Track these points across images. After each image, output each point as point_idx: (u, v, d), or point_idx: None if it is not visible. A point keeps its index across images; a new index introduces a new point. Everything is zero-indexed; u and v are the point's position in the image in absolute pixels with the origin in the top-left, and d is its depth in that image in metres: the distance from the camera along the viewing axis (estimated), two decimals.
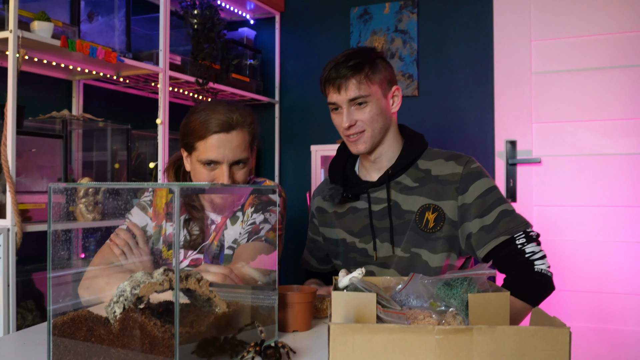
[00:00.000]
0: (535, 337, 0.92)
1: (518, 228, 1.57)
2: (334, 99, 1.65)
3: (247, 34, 3.56)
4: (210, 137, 1.60)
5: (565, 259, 2.83)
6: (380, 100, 1.64)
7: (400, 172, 1.69)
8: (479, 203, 1.60)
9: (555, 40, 2.93)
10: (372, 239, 1.69)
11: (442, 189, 1.64)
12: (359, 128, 1.64)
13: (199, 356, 1.00)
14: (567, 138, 2.89)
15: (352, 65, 1.61)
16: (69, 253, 1.14)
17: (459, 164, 1.65)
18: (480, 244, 1.58)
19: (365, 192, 1.72)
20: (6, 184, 1.95)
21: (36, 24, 2.08)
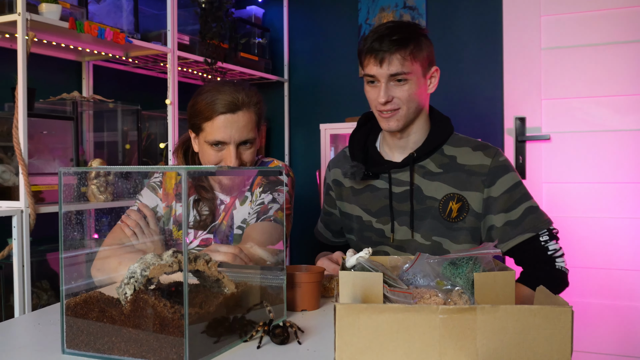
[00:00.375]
0: (537, 316, 0.93)
1: (543, 226, 1.57)
2: (374, 72, 1.56)
3: (255, 12, 3.55)
4: (216, 118, 1.61)
5: (574, 235, 2.84)
6: (420, 80, 1.59)
7: (425, 156, 1.65)
8: (505, 198, 1.58)
9: (565, 15, 2.89)
10: (391, 220, 1.67)
11: (467, 178, 1.61)
12: (394, 105, 1.57)
13: (208, 336, 1.02)
14: (576, 114, 2.87)
15: (398, 39, 1.53)
16: (80, 234, 1.16)
17: (487, 156, 1.62)
18: (504, 238, 1.58)
19: (387, 172, 1.68)
20: (19, 166, 1.97)
21: (44, 6, 2.09)
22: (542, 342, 0.93)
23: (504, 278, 1.17)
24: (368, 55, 1.56)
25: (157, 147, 2.82)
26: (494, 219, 1.59)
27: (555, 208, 2.88)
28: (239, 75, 3.33)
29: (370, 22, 3.36)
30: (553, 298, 1.03)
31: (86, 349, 1.01)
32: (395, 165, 1.66)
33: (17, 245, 1.95)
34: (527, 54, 2.96)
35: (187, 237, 1.74)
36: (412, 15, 3.25)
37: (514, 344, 0.94)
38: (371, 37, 1.56)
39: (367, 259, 1.24)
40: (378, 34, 1.55)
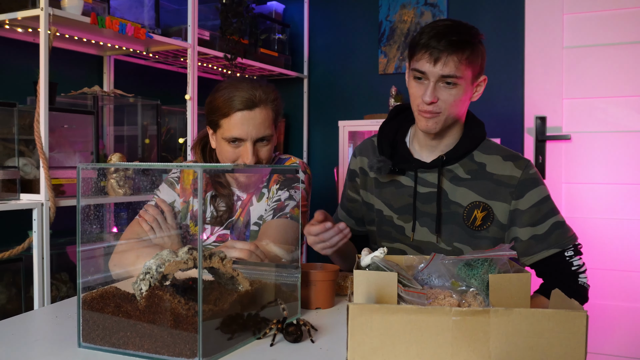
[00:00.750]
0: (551, 320, 0.93)
1: (569, 241, 1.56)
2: (425, 69, 1.50)
3: (275, 7, 3.55)
4: (233, 115, 1.62)
5: (594, 236, 2.80)
6: (468, 86, 1.54)
7: (454, 160, 1.62)
8: (533, 212, 1.56)
9: (588, 13, 2.85)
10: (413, 220, 1.64)
11: (495, 188, 1.58)
12: (437, 108, 1.53)
13: (222, 332, 1.03)
14: (598, 114, 2.83)
15: (457, 41, 1.48)
16: (98, 228, 1.17)
17: (518, 167, 1.59)
18: (529, 252, 1.57)
19: (414, 171, 1.65)
20: (40, 159, 2.00)
21: (66, 1, 2.11)
22: (556, 346, 0.92)
23: (519, 280, 1.16)
24: (423, 50, 1.50)
25: (177, 142, 2.84)
26: (519, 231, 1.57)
27: (575, 209, 2.85)
28: (259, 71, 3.34)
29: (390, 19, 3.35)
30: (568, 302, 1.02)
31: (102, 343, 1.02)
32: (423, 165, 1.63)
33: (37, 238, 1.98)
34: (549, 53, 2.92)
35: (204, 233, 1.75)
36: (433, 12, 3.23)
37: (528, 348, 0.93)
38: (428, 32, 1.50)
39: (382, 259, 1.24)
40: (437, 31, 1.49)
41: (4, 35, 2.37)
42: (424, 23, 3.26)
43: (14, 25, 2.21)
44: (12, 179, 2.04)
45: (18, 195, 2.05)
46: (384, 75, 3.38)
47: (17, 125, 2.08)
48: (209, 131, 1.75)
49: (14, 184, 2.05)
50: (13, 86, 2.43)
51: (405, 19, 3.31)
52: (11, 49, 2.44)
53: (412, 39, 1.56)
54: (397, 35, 3.34)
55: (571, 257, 1.56)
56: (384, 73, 3.38)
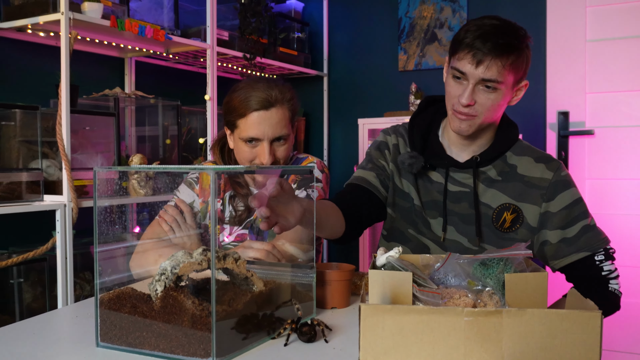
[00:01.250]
0: (565, 321, 0.92)
1: (599, 245, 1.52)
2: (466, 69, 1.44)
3: (294, 6, 3.56)
4: (250, 115, 1.63)
5: (618, 233, 2.76)
6: (508, 90, 1.48)
7: (487, 162, 1.58)
8: (563, 214, 1.52)
9: (611, 5, 2.81)
10: (444, 220, 1.59)
11: (525, 190, 1.55)
12: (473, 111, 1.47)
13: (237, 332, 1.04)
14: (622, 108, 2.78)
15: (503, 44, 1.40)
16: (118, 228, 1.19)
17: (549, 169, 1.55)
18: (558, 255, 1.53)
19: (445, 168, 1.60)
20: (62, 161, 2.04)
21: (86, 5, 2.15)
22: (570, 346, 0.91)
23: (536, 279, 1.15)
24: (466, 50, 1.43)
25: (197, 142, 2.87)
26: (549, 234, 1.53)
27: (599, 204, 2.81)
28: (278, 70, 3.35)
29: (410, 15, 3.33)
30: (584, 302, 1.01)
31: (119, 342, 1.04)
32: (456, 164, 1.58)
33: (60, 238, 2.02)
34: (572, 47, 2.88)
35: (224, 232, 1.77)
36: (453, 7, 3.21)
37: (541, 348, 0.92)
38: (474, 31, 1.43)
39: (397, 259, 1.23)
40: (483, 31, 1.42)
41: (27, 40, 2.41)
42: (443, 19, 3.24)
43: (36, 30, 2.26)
44: (35, 180, 2.08)
45: (42, 197, 2.09)
46: (404, 72, 3.37)
47: (40, 128, 2.12)
48: (226, 131, 1.76)
49: (37, 185, 2.09)
50: (37, 89, 2.48)
51: (425, 15, 3.29)
52: (34, 53, 2.48)
53: (456, 35, 1.48)
54: (416, 32, 3.32)
55: (601, 262, 1.51)
56: (403, 70, 3.36)
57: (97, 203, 1.14)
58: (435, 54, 3.27)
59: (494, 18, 1.47)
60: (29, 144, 2.16)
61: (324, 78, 3.59)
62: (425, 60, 3.30)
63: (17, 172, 2.05)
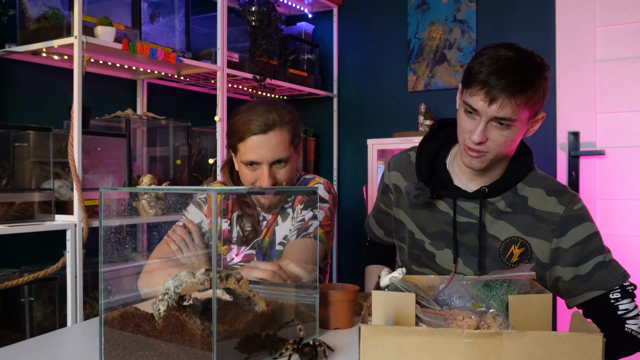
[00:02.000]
0: (566, 343, 0.92)
1: (615, 282, 1.45)
2: (479, 107, 1.37)
3: (305, 28, 3.60)
4: (248, 139, 1.65)
5: (630, 254, 2.73)
6: (523, 126, 1.41)
7: (497, 193, 1.52)
8: (576, 251, 1.46)
9: (621, 25, 2.81)
10: (454, 252, 1.55)
11: (535, 224, 1.49)
12: (484, 148, 1.42)
13: (240, 352, 1.05)
14: (633, 129, 2.77)
15: (519, 81, 1.33)
16: (126, 248, 1.21)
17: (561, 203, 1.49)
18: (572, 293, 1.49)
19: (453, 199, 1.55)
20: (73, 181, 2.07)
21: (99, 29, 2.19)
22: None
23: (540, 301, 1.15)
24: (479, 86, 1.36)
25: (207, 162, 2.90)
26: (561, 271, 1.48)
27: (610, 225, 2.79)
28: (288, 91, 3.38)
29: (419, 36, 3.35)
30: (587, 324, 1.00)
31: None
32: (464, 194, 1.53)
33: (70, 258, 2.05)
34: (581, 67, 2.89)
35: (231, 252, 1.78)
36: (462, 28, 3.23)
37: None
38: (488, 65, 1.35)
39: (401, 280, 1.24)
40: (498, 66, 1.34)
41: (42, 62, 2.46)
42: (453, 40, 3.26)
43: (50, 53, 2.31)
44: (47, 200, 2.11)
45: (53, 217, 2.12)
46: (413, 92, 3.39)
47: (52, 149, 2.15)
48: (231, 153, 1.78)
49: (49, 205, 2.12)
50: (51, 111, 2.53)
51: (434, 36, 3.32)
52: (48, 76, 2.53)
53: (469, 65, 1.41)
54: (425, 53, 3.34)
55: (617, 300, 1.44)
56: (413, 90, 3.38)
57: (106, 223, 1.16)
58: (445, 75, 3.29)
59: (511, 49, 1.38)
60: (42, 165, 2.20)
61: (333, 99, 3.62)
62: (435, 80, 3.31)
63: (30, 192, 2.09)
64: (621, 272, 1.48)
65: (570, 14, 2.92)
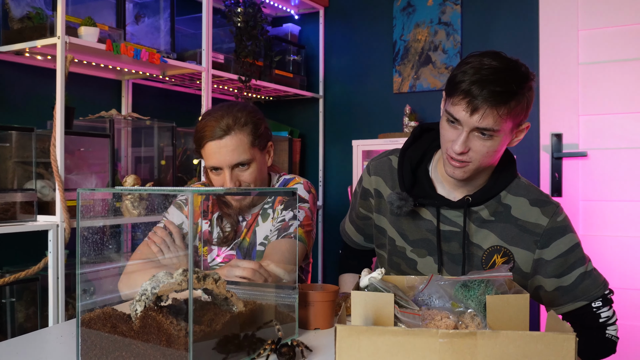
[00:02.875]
0: (540, 343, 0.93)
1: (597, 293, 1.48)
2: (460, 117, 1.36)
3: (291, 29, 3.61)
4: (206, 145, 1.67)
5: (612, 255, 2.76)
6: (506, 136, 1.40)
7: (480, 202, 1.52)
8: (559, 262, 1.48)
9: (604, 29, 2.84)
10: (439, 260, 1.54)
11: (518, 234, 1.49)
12: (467, 158, 1.40)
13: (218, 352, 1.05)
14: (615, 131, 2.80)
15: (501, 92, 1.31)
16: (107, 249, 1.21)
17: (545, 215, 1.49)
18: (555, 303, 1.51)
19: (436, 207, 1.54)
20: (55, 182, 2.06)
21: (83, 30, 2.19)
22: None
23: (517, 301, 1.16)
24: (461, 96, 1.34)
25: (192, 163, 2.89)
26: (543, 281, 1.50)
27: (592, 226, 2.81)
28: (274, 92, 3.39)
29: (404, 38, 3.37)
30: (561, 324, 1.01)
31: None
32: (447, 204, 1.52)
33: (52, 258, 2.03)
34: (564, 69, 2.91)
35: (212, 253, 1.78)
36: (446, 31, 3.25)
37: None
38: (471, 75, 1.34)
39: (380, 280, 1.25)
40: (480, 76, 1.33)
41: (25, 63, 2.45)
42: (438, 42, 3.28)
43: (33, 53, 2.29)
44: (29, 201, 2.10)
45: (35, 217, 2.10)
46: (399, 94, 3.40)
47: (34, 149, 2.14)
48: None
49: (31, 205, 2.11)
50: (34, 111, 2.51)
51: (420, 38, 3.33)
52: (32, 76, 2.52)
53: (453, 74, 1.39)
54: (411, 54, 3.36)
55: (599, 309, 1.48)
56: (398, 92, 3.39)
57: (87, 223, 1.16)
58: (430, 77, 3.30)
59: (495, 58, 1.36)
60: (25, 165, 2.19)
61: (319, 100, 3.63)
62: (420, 82, 3.33)
63: (12, 193, 2.07)
64: (602, 282, 1.50)
65: (553, 17, 2.94)
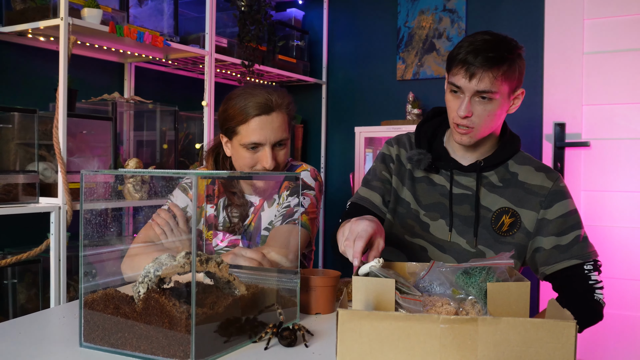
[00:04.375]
0: (540, 330, 0.93)
1: (590, 255, 1.57)
2: (461, 84, 1.51)
3: (295, 14, 3.59)
4: (252, 120, 1.65)
5: (613, 245, 2.77)
6: (504, 100, 1.54)
7: (490, 168, 1.65)
8: (559, 222, 1.58)
9: (609, 18, 2.82)
10: (450, 221, 1.64)
11: (525, 196, 1.61)
12: (471, 123, 1.54)
13: (220, 335, 1.06)
14: (618, 121, 2.79)
15: (493, 57, 1.48)
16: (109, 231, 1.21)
17: (549, 179, 1.62)
18: (550, 261, 1.58)
19: (449, 171, 1.66)
20: (58, 164, 2.06)
21: (86, 11, 2.17)
22: (544, 355, 0.92)
23: (518, 288, 1.16)
24: (459, 65, 1.51)
25: (194, 147, 2.89)
26: (543, 241, 1.59)
27: (594, 216, 2.82)
28: (277, 77, 3.37)
29: (409, 25, 3.35)
30: (562, 312, 1.02)
31: (101, 343, 1.06)
32: (460, 167, 1.65)
33: (54, 240, 2.04)
34: (569, 59, 2.90)
35: (216, 237, 1.79)
36: (451, 18, 3.23)
37: (516, 357, 0.93)
38: (466, 47, 1.51)
39: (380, 268, 1.25)
40: (474, 47, 1.50)
41: (28, 44, 2.44)
42: (442, 29, 3.26)
43: (36, 35, 2.29)
44: (31, 182, 2.10)
45: (37, 199, 2.11)
46: (402, 81, 3.39)
47: (37, 131, 2.14)
48: (222, 139, 1.77)
49: (33, 187, 2.11)
50: (37, 93, 2.51)
51: (424, 25, 3.31)
52: (34, 57, 2.51)
53: (451, 52, 1.56)
54: (415, 42, 3.34)
55: (590, 272, 1.56)
56: (402, 79, 3.38)
57: (89, 206, 1.16)
58: (433, 64, 3.29)
59: (486, 34, 1.54)
60: (27, 147, 2.19)
61: (322, 86, 3.61)
62: (423, 69, 3.31)
63: (14, 174, 2.08)
64: (594, 249, 1.60)
65: (559, 6, 2.92)
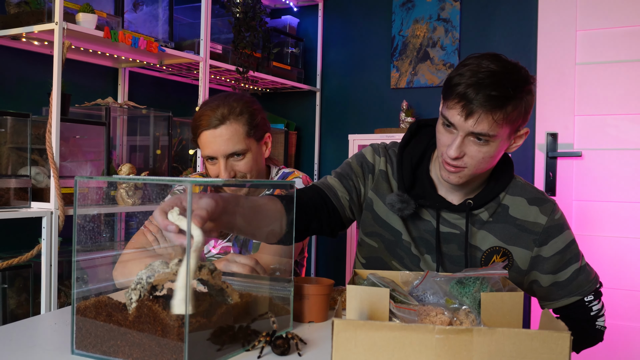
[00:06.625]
0: (535, 340, 0.93)
1: (590, 288, 1.51)
2: (455, 121, 1.33)
3: (289, 21, 3.59)
4: (202, 135, 1.68)
5: (605, 255, 2.78)
6: (503, 142, 1.37)
7: (481, 206, 1.50)
8: (556, 260, 1.50)
9: (602, 30, 2.85)
10: (437, 262, 1.52)
11: (517, 234, 1.49)
12: (462, 163, 1.38)
13: (213, 343, 1.05)
14: (610, 131, 2.81)
15: (497, 97, 1.27)
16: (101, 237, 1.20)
17: (543, 213, 1.49)
18: (549, 298, 1.53)
19: (437, 210, 1.51)
20: (50, 169, 2.04)
21: (81, 16, 2.17)
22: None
23: (512, 299, 1.16)
24: (456, 100, 1.31)
25: (188, 153, 2.88)
26: (539, 276, 1.52)
27: (585, 226, 2.83)
28: (271, 84, 3.38)
29: (403, 34, 3.37)
30: (555, 322, 1.02)
31: (93, 350, 1.05)
32: (448, 206, 1.50)
33: (45, 245, 2.03)
34: (562, 69, 2.92)
35: (208, 244, 1.78)
36: (445, 27, 3.24)
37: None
38: (467, 77, 1.30)
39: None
40: (476, 79, 1.29)
41: (22, 48, 2.43)
42: (436, 38, 3.27)
43: (30, 39, 2.28)
44: (23, 187, 2.09)
45: (29, 203, 2.09)
46: (396, 89, 3.40)
47: (30, 135, 2.13)
48: None
49: (25, 192, 2.09)
50: (31, 97, 2.49)
51: (418, 34, 3.33)
52: (28, 61, 2.50)
53: (449, 76, 1.36)
54: (409, 50, 3.35)
55: (591, 302, 1.52)
56: (395, 87, 3.39)
57: (82, 211, 1.15)
58: (427, 73, 3.30)
59: (494, 61, 1.32)
60: (19, 151, 2.17)
61: (316, 93, 3.62)
62: (417, 78, 3.33)
63: (6, 179, 2.06)
64: (594, 277, 1.54)
65: (552, 17, 2.95)
